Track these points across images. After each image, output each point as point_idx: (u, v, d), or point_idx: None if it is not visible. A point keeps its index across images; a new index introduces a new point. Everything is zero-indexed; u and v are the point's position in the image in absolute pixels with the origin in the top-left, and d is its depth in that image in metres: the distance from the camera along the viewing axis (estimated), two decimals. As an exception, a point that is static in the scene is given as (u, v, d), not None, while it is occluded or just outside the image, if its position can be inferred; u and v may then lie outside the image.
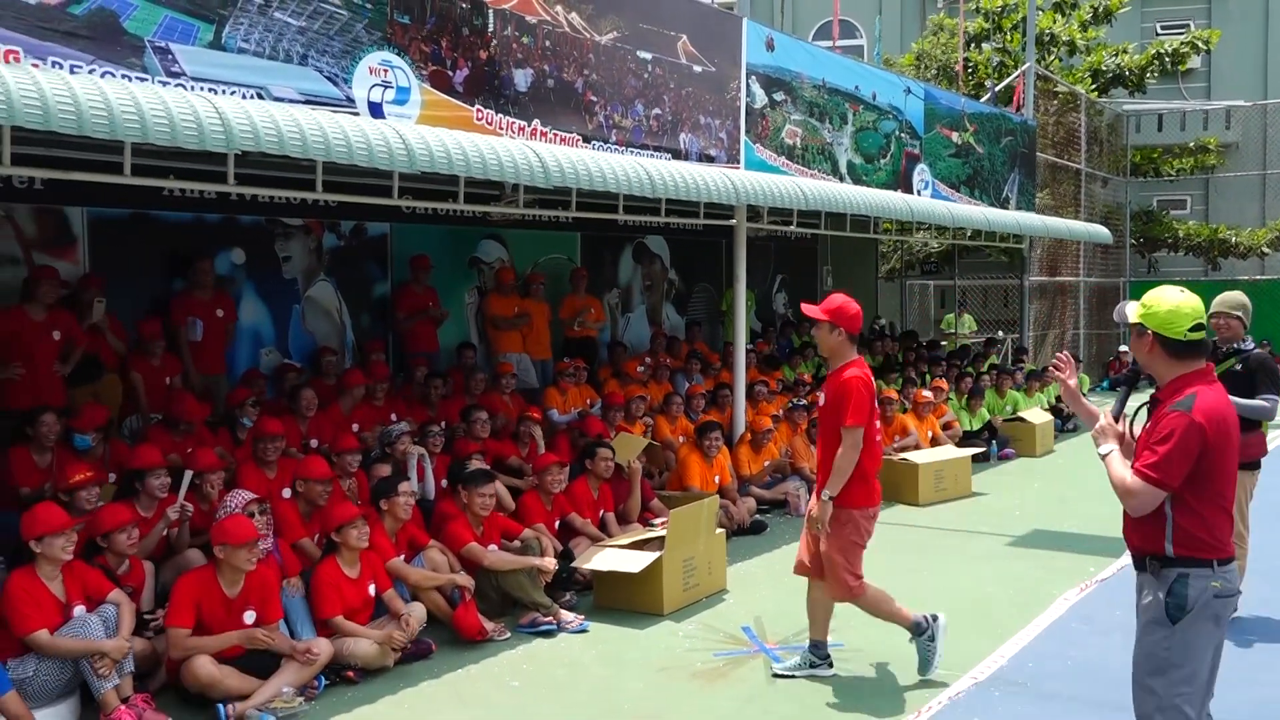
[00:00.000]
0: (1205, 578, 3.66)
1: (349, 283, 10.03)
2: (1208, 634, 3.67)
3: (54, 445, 6.56)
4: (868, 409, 5.55)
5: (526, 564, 6.78)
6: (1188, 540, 3.67)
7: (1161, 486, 3.63)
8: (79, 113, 4.89)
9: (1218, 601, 3.67)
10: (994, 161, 16.63)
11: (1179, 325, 3.70)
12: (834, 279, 17.83)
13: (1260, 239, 22.50)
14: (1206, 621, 3.66)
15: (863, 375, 5.58)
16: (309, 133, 5.87)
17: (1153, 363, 3.79)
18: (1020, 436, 13.46)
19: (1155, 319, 3.72)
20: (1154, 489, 3.63)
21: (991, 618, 6.81)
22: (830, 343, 5.66)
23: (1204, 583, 3.66)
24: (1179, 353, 3.73)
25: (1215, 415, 3.62)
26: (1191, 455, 3.60)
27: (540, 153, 7.36)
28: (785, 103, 11.79)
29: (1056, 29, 22.16)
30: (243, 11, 6.52)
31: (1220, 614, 3.69)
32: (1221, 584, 3.67)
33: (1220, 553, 3.67)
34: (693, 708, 5.45)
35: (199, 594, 5.45)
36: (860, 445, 5.52)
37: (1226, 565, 3.69)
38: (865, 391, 5.54)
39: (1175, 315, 3.70)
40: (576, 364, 10.62)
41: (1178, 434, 3.60)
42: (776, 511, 10.00)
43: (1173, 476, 3.61)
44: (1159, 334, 3.72)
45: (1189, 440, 3.59)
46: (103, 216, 8.23)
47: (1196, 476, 3.64)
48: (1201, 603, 3.65)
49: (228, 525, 5.58)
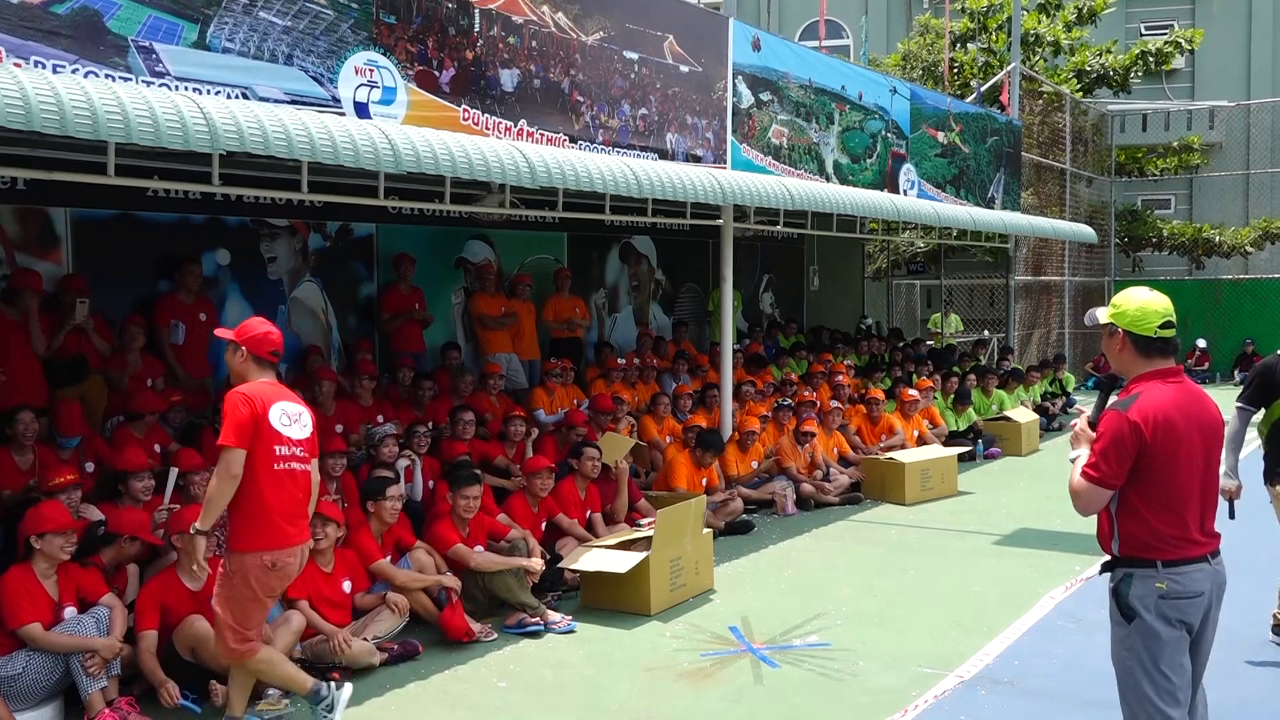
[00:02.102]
0: (1149, 578, 3.66)
1: (335, 283, 10.00)
2: (1165, 634, 3.64)
3: (34, 445, 6.53)
4: (248, 430, 4.72)
5: (513, 564, 6.77)
6: (1130, 541, 3.69)
7: (1101, 485, 3.65)
8: (62, 112, 4.87)
9: (1165, 603, 3.64)
10: (979, 161, 16.68)
11: (1149, 322, 3.73)
12: (821, 278, 17.87)
13: (1244, 238, 22.63)
14: (1158, 622, 3.64)
15: (249, 394, 4.80)
16: (294, 133, 5.85)
17: (1124, 361, 3.81)
18: (1006, 436, 13.51)
19: (1125, 318, 3.76)
20: (1094, 488, 3.67)
21: (977, 616, 6.83)
22: (233, 364, 5.01)
23: (1148, 584, 3.65)
24: (1148, 350, 3.75)
25: (1155, 414, 3.62)
26: (1127, 454, 3.62)
27: (527, 153, 7.35)
28: (772, 102, 11.81)
29: (1041, 29, 22.25)
30: (227, 11, 6.49)
31: (1171, 615, 3.64)
32: (1168, 585, 3.64)
33: (1166, 553, 3.65)
34: (680, 708, 5.46)
35: (161, 595, 5.53)
36: (236, 472, 4.68)
37: (1175, 566, 3.65)
38: (245, 410, 4.73)
39: (1144, 313, 3.74)
40: (564, 364, 10.61)
41: (1109, 433, 3.65)
42: (764, 511, 10.02)
43: (1108, 475, 3.64)
44: (1129, 332, 3.75)
45: (1122, 439, 3.62)
46: (86, 217, 8.18)
47: (1138, 476, 3.66)
48: (1147, 603, 3.65)
49: (184, 514, 5.68)
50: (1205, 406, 3.77)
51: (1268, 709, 5.29)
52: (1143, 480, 3.66)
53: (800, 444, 10.60)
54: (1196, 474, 3.71)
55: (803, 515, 9.98)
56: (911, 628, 6.63)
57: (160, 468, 6.84)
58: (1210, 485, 3.75)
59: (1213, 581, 3.71)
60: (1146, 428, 3.61)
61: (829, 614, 6.91)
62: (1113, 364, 3.90)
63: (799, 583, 7.69)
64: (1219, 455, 3.80)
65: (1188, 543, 3.67)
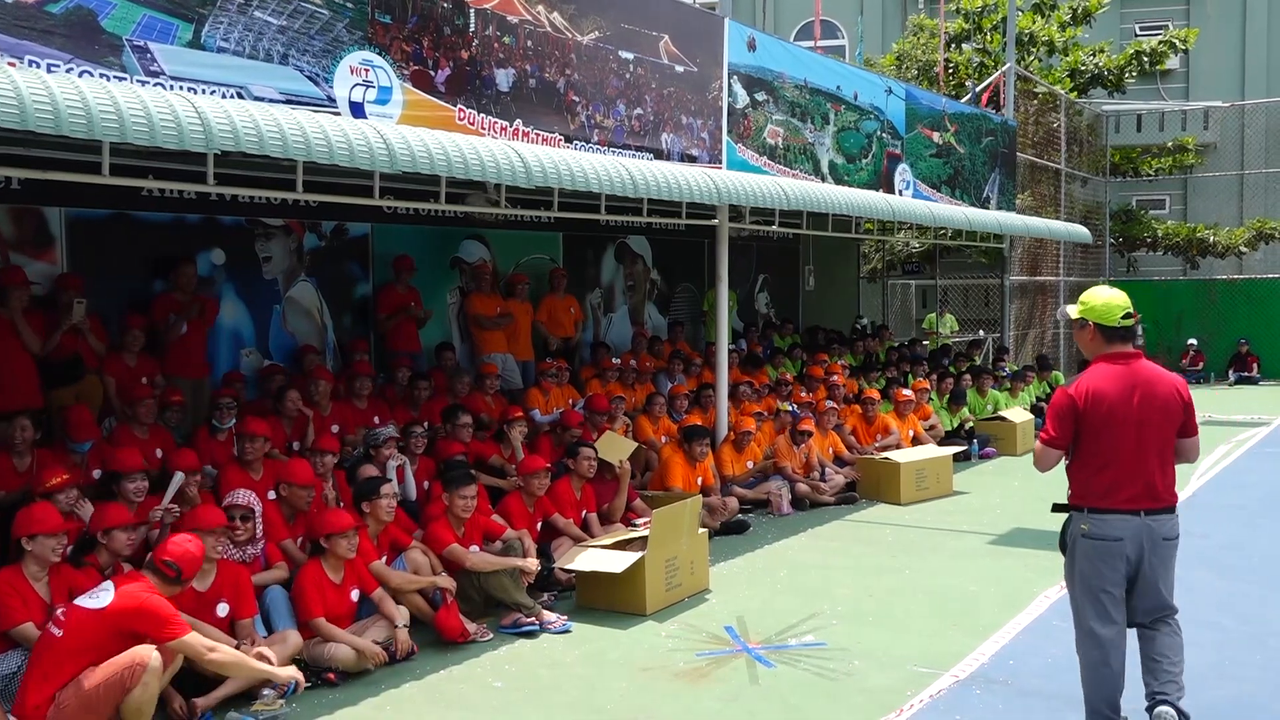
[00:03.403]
0: (1077, 520, 4.62)
1: (330, 283, 9.99)
2: (1089, 566, 4.58)
3: (30, 449, 6.51)
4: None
5: (509, 565, 6.77)
6: (1074, 489, 4.65)
7: (1049, 445, 4.61)
8: (56, 112, 4.86)
9: (1086, 542, 4.57)
10: (975, 161, 16.70)
11: (1113, 314, 4.58)
12: (816, 279, 17.88)
13: (1238, 238, 22.67)
14: (1082, 556, 4.60)
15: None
16: (289, 132, 5.84)
17: (1094, 348, 4.65)
18: (1001, 435, 13.52)
19: (1094, 312, 4.60)
20: (1045, 448, 4.63)
21: (972, 615, 6.84)
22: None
23: (1076, 525, 4.62)
24: (1112, 337, 4.59)
25: (1089, 389, 4.52)
26: (1066, 421, 4.56)
27: (522, 153, 7.35)
28: (767, 103, 11.81)
29: (1036, 29, 22.27)
30: (222, 10, 6.48)
31: (1092, 554, 4.56)
32: (1090, 527, 4.56)
33: (1092, 502, 4.56)
34: (675, 708, 5.46)
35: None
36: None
37: (1099, 514, 4.54)
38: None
39: (1109, 307, 4.59)
40: (559, 364, 10.61)
41: (1055, 405, 4.62)
42: (759, 511, 10.02)
43: (1055, 439, 4.59)
44: (1098, 323, 4.59)
45: (1061, 409, 4.58)
46: (81, 217, 8.17)
47: (1078, 439, 4.58)
48: (1075, 540, 4.62)
49: (199, 513, 5.64)
50: (1154, 382, 4.55)
51: (1261, 708, 5.30)
52: (1080, 443, 4.59)
53: (797, 444, 10.60)
54: (1129, 439, 4.50)
55: (798, 515, 9.99)
56: (907, 627, 6.64)
57: (158, 470, 6.83)
58: (1150, 449, 4.50)
59: (1139, 532, 4.51)
60: (1080, 399, 4.53)
61: (824, 614, 6.92)
62: (1084, 351, 4.72)
63: (794, 582, 7.70)
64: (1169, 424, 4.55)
65: (1115, 496, 4.51)
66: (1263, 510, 9.90)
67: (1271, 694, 5.47)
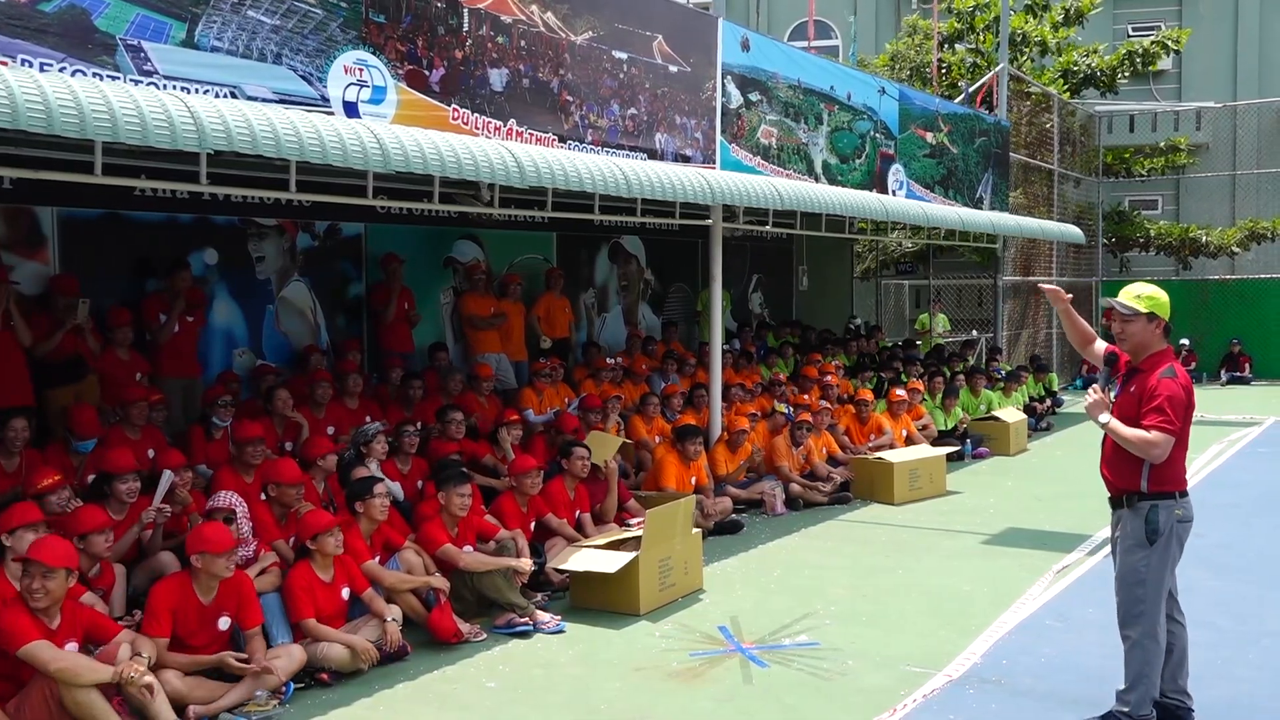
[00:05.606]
0: (1170, 508, 4.70)
1: (323, 283, 9.97)
2: (1173, 554, 4.71)
3: (21, 450, 6.48)
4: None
5: (502, 565, 6.76)
6: (1159, 479, 4.69)
7: (1175, 435, 4.63)
8: (48, 111, 4.84)
9: (1181, 525, 4.71)
10: (968, 162, 16.73)
11: (1169, 311, 4.85)
12: (809, 278, 17.90)
13: (1230, 238, 22.72)
14: (1173, 543, 4.69)
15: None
16: (282, 132, 5.83)
17: (1152, 340, 4.78)
18: (994, 435, 13.54)
19: (1164, 308, 4.82)
20: (1170, 438, 4.62)
21: (966, 615, 6.85)
22: None
23: (1170, 512, 4.69)
24: (1167, 332, 4.84)
25: (1187, 380, 4.76)
26: (1187, 412, 4.68)
27: (516, 152, 7.34)
28: (761, 103, 11.82)
29: (1029, 29, 22.31)
30: (216, 9, 6.47)
31: (1183, 537, 4.72)
32: (1182, 512, 4.71)
33: (1181, 486, 4.71)
34: (670, 708, 5.46)
35: (174, 602, 5.40)
36: None
37: (1186, 497, 4.73)
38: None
39: (1168, 304, 4.85)
40: (553, 364, 10.60)
41: (1174, 396, 4.65)
42: (753, 511, 10.02)
43: (1179, 429, 4.65)
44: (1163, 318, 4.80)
45: (1179, 401, 4.65)
46: (74, 216, 8.15)
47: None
48: (1169, 527, 4.67)
49: (206, 533, 5.52)
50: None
51: (1257, 708, 5.31)
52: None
53: (796, 444, 10.61)
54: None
55: (792, 515, 9.99)
56: (900, 627, 6.64)
57: (149, 470, 6.81)
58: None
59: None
60: (1189, 390, 4.71)
61: (818, 613, 6.92)
62: (1141, 342, 4.79)
63: (788, 582, 7.70)
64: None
65: (1184, 480, 4.74)
66: (1257, 510, 9.92)
67: (1268, 693, 5.48)
